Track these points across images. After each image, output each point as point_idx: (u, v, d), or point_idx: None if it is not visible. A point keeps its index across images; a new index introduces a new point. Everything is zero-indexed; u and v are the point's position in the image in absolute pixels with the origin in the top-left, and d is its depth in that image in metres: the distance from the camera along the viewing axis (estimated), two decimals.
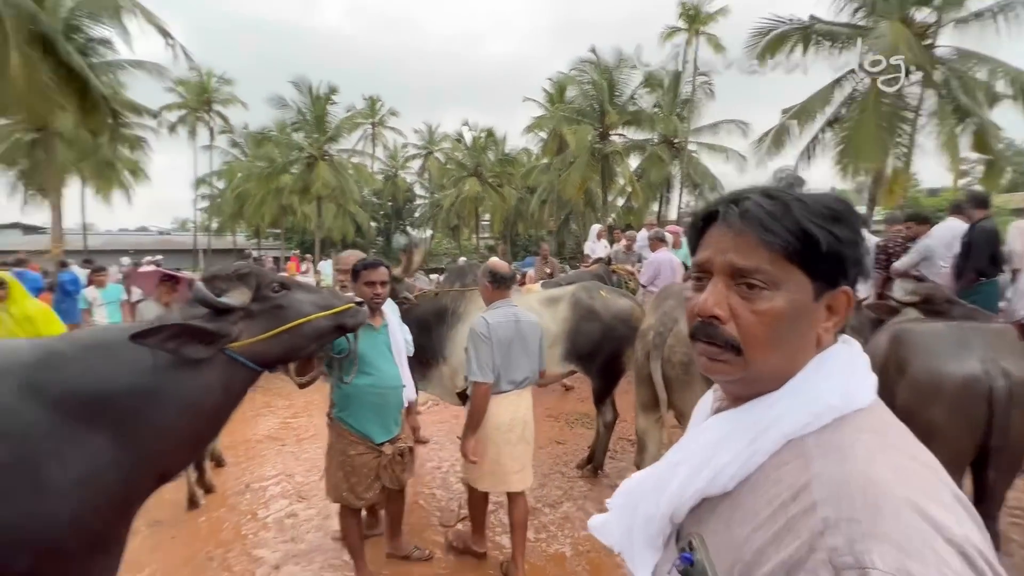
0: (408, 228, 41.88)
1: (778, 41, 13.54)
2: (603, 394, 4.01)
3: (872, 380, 0.66)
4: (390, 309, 2.67)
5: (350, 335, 2.11)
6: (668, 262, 5.85)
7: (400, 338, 2.63)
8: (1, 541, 1.35)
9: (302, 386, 2.08)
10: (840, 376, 0.63)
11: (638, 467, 3.06)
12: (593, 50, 21.14)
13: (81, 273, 8.90)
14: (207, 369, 1.60)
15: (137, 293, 9.32)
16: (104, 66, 16.39)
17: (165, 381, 1.54)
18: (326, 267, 18.29)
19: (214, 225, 35.68)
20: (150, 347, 1.48)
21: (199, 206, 35.98)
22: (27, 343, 1.58)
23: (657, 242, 6.05)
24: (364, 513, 2.90)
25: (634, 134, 23.22)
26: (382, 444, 2.49)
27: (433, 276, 9.60)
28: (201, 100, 31.24)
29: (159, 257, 14.25)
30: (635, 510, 0.75)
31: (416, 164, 41.67)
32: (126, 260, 18.26)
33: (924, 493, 0.52)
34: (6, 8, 8.02)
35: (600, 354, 3.90)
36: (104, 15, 11.73)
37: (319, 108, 25.50)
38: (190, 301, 1.66)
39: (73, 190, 26.28)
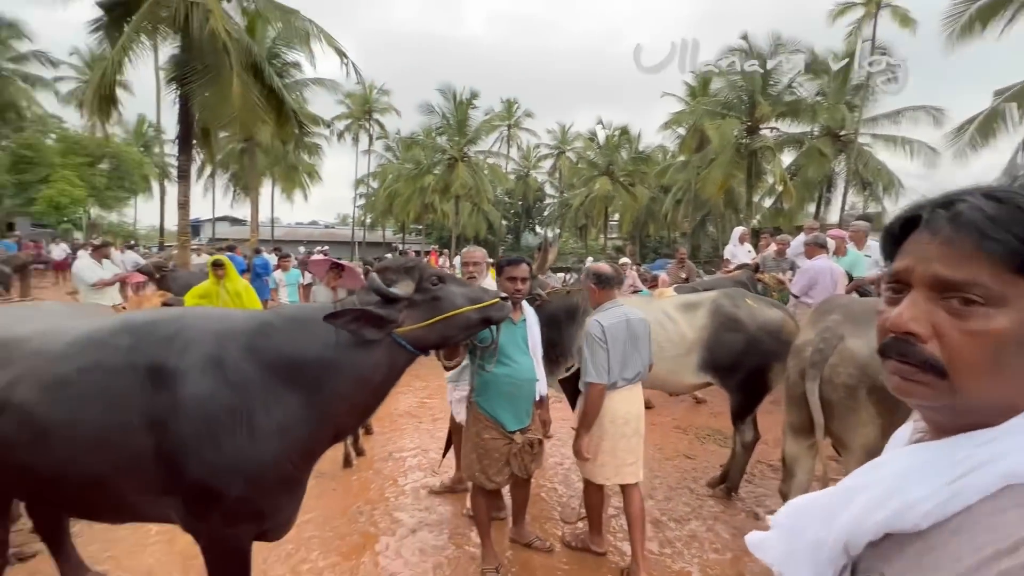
0: (536, 227, 42.84)
1: (991, 9, 11.10)
2: (743, 411, 3.70)
3: None
4: (529, 308, 2.80)
5: (493, 327, 2.26)
6: (828, 271, 5.15)
7: (537, 333, 2.75)
8: (224, 467, 1.70)
9: (449, 368, 2.29)
10: None
11: (784, 496, 2.78)
12: (745, 37, 19.36)
13: (271, 259, 10.70)
14: (377, 349, 1.85)
15: (309, 277, 10.96)
16: (294, 85, 19.51)
17: (345, 356, 1.82)
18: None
19: (368, 220, 40.33)
20: (336, 327, 1.76)
21: (357, 203, 40.94)
22: (245, 313, 1.97)
23: (816, 248, 5.35)
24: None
25: (788, 127, 20.81)
26: (514, 432, 2.61)
27: (559, 275, 9.70)
28: (364, 110, 35.47)
29: (326, 247, 16.64)
30: (802, 532, 0.70)
31: (547, 164, 42.46)
32: (302, 249, 21.58)
33: None
34: (232, 42, 9.97)
35: (742, 367, 3.60)
36: (296, 42, 13.92)
37: (461, 112, 27.33)
38: (365, 289, 1.92)
39: (266, 190, 31.66)
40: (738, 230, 8.82)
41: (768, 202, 22.32)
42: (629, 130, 31.17)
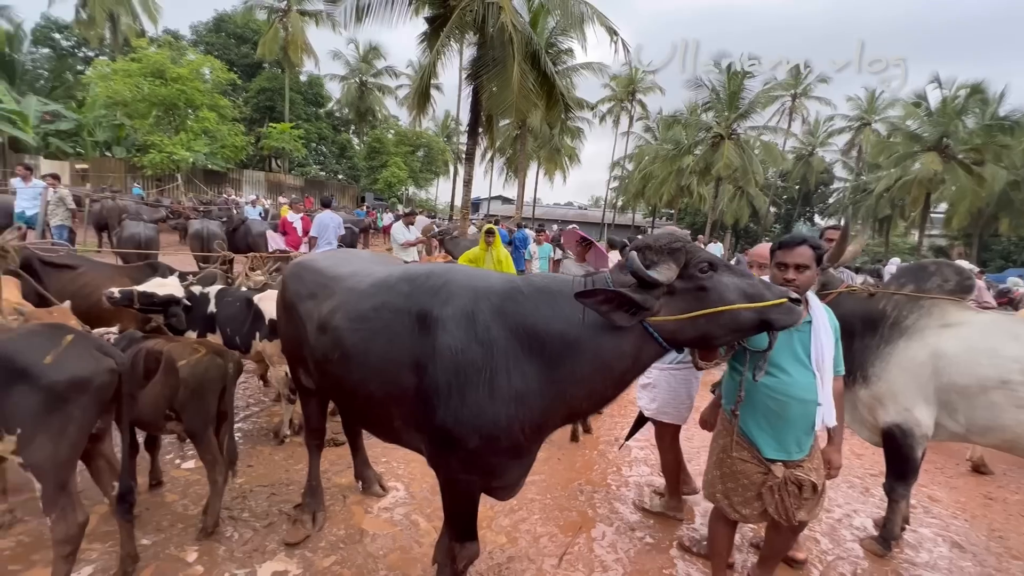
0: (816, 216, 35.93)
1: None
2: None
3: None
4: (818, 305, 2.09)
5: (771, 334, 1.76)
6: None
7: (827, 343, 2.00)
8: (465, 420, 1.74)
9: (700, 368, 1.88)
10: None
11: None
12: None
13: (530, 234, 11.69)
14: (624, 337, 1.64)
15: (559, 252, 11.58)
16: (565, 71, 20.65)
17: (588, 338, 1.66)
18: (715, 249, 17.87)
19: (619, 203, 40.58)
20: (588, 307, 1.59)
21: (611, 186, 41.58)
22: (502, 276, 1.95)
23: None
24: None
25: None
26: (773, 462, 2.03)
27: (858, 277, 7.72)
28: (627, 91, 35.31)
29: (573, 225, 17.48)
30: None
31: (841, 140, 34.78)
32: (555, 227, 23.14)
33: None
34: (516, 34, 11.04)
35: None
36: (571, 28, 14.57)
37: (734, 84, 24.37)
38: (622, 267, 1.69)
39: (531, 172, 34.98)
40: None
41: None
42: (984, 88, 22.54)
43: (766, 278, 1.94)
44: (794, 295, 1.65)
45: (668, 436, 3.08)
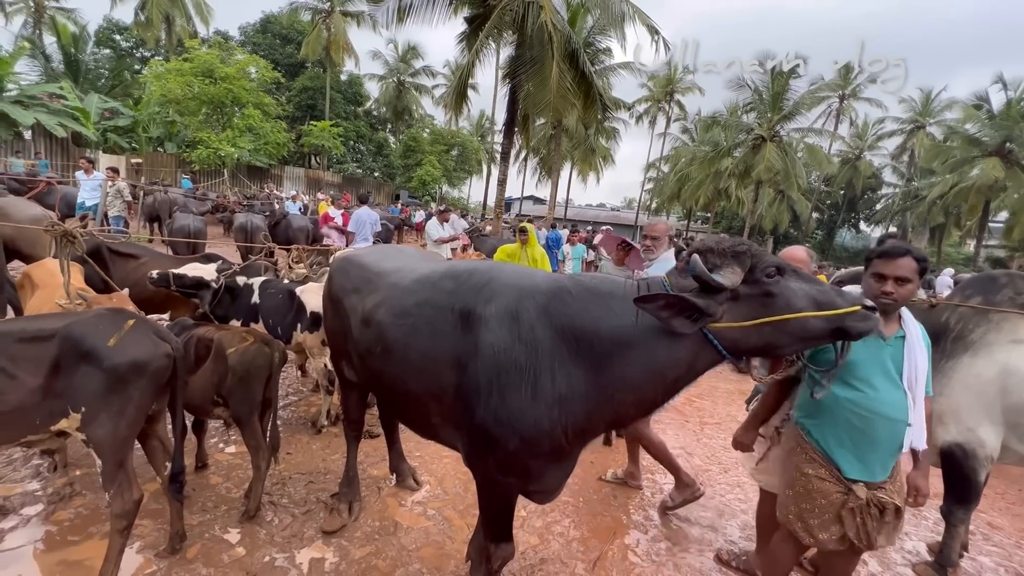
0: (862, 223, 34.43)
1: None
2: None
3: None
4: (912, 321, 1.93)
5: (841, 344, 1.67)
6: None
7: (921, 361, 1.87)
8: (505, 421, 1.71)
9: (759, 381, 1.79)
10: None
11: None
12: None
13: (563, 234, 11.61)
14: (680, 343, 1.57)
15: (592, 254, 11.44)
16: (602, 71, 20.42)
17: (641, 342, 1.60)
18: None
19: (653, 205, 39.89)
20: (646, 311, 1.52)
21: (646, 188, 40.91)
22: (545, 275, 1.90)
23: None
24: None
25: None
26: (855, 482, 1.87)
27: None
28: (665, 91, 34.67)
29: (608, 227, 17.30)
30: None
31: (892, 143, 33.21)
32: (589, 228, 22.94)
33: None
34: (555, 33, 10.99)
35: None
36: (610, 27, 14.41)
37: (778, 85, 23.56)
38: (682, 271, 1.62)
39: (565, 172, 34.73)
40: None
41: None
42: None
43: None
44: (869, 303, 1.54)
45: (632, 431, 3.16)
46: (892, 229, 30.73)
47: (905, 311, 1.94)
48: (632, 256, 4.48)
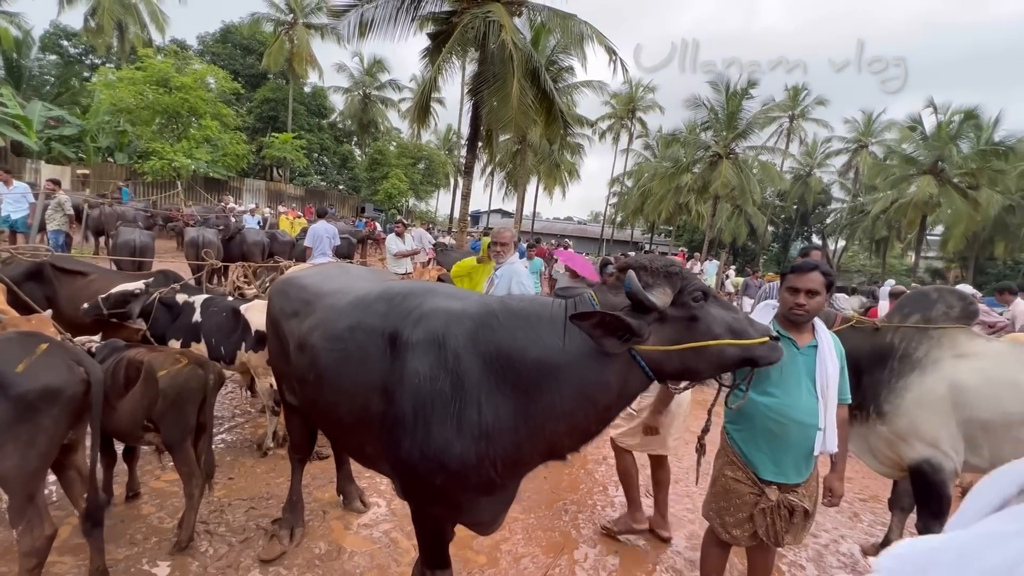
0: (813, 236, 36.15)
1: None
2: None
3: None
4: (824, 331, 2.06)
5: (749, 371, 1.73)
6: None
7: (832, 369, 1.98)
8: (428, 456, 1.62)
9: (675, 390, 1.88)
10: None
11: None
12: None
13: (522, 248, 11.70)
14: (609, 366, 1.52)
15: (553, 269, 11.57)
16: (565, 89, 20.90)
17: (569, 367, 1.54)
18: (711, 267, 17.93)
19: (618, 219, 40.77)
20: (581, 328, 1.48)
21: (610, 202, 41.80)
22: (478, 298, 1.83)
23: None
24: None
25: None
26: (769, 484, 2.00)
27: (853, 298, 7.75)
28: (627, 109, 35.71)
29: (569, 242, 17.55)
30: None
31: (839, 161, 35.10)
32: (553, 242, 23.23)
33: None
34: (516, 51, 11.19)
35: None
36: (572, 47, 14.79)
37: (732, 104, 24.66)
38: (612, 287, 1.59)
39: (531, 186, 35.16)
40: None
41: None
42: (978, 114, 22.84)
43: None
44: (774, 333, 1.61)
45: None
46: (838, 245, 32.32)
47: (818, 322, 2.07)
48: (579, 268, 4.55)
